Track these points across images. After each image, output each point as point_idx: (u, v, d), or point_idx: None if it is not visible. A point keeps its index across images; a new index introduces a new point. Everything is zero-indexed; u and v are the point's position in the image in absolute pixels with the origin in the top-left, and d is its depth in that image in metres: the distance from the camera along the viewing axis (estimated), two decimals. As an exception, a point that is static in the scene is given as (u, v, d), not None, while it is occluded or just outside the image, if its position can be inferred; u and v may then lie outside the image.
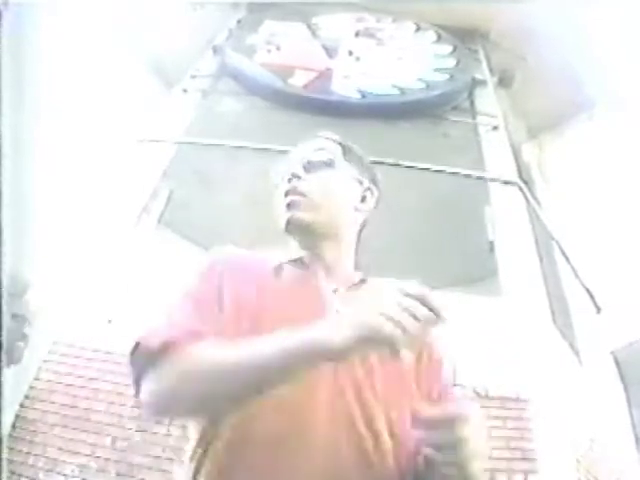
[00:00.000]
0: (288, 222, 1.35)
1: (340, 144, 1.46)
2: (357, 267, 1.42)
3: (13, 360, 2.89)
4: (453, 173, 5.99)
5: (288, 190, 1.37)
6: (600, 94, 7.08)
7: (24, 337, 2.91)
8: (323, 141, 1.46)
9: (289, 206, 1.35)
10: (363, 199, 1.44)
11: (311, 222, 1.34)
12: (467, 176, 6.07)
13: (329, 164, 1.41)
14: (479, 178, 6.13)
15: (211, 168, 6.09)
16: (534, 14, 7.20)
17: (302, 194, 1.35)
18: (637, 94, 6.41)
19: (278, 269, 1.33)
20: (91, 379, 4.35)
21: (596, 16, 6.77)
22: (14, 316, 2.91)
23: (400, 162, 5.66)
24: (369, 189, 1.45)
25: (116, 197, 5.50)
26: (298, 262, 1.34)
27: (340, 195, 1.40)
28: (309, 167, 1.39)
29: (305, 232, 1.36)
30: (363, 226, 1.45)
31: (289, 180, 1.38)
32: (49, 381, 4.34)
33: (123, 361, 4.37)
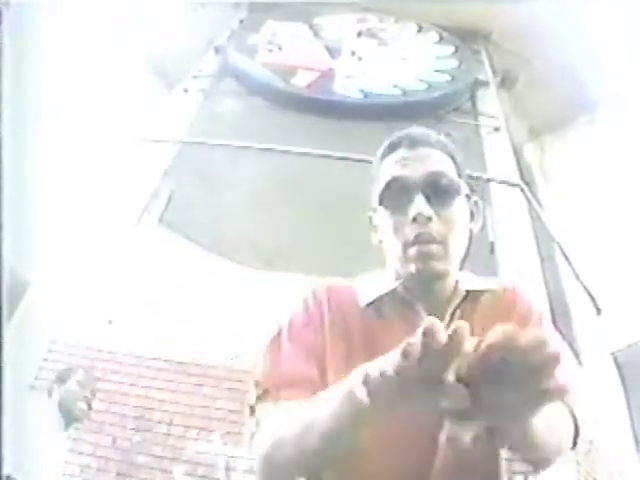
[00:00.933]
0: (418, 272, 1.12)
1: (447, 152, 1.25)
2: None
3: (73, 419, 2.93)
4: (454, 174, 5.98)
5: (418, 235, 1.12)
6: (603, 96, 7.07)
7: (86, 399, 2.93)
8: (431, 153, 1.22)
9: (422, 255, 1.12)
10: (472, 216, 1.24)
11: (444, 272, 1.15)
12: (468, 177, 6.06)
13: (456, 191, 1.19)
14: (480, 179, 6.12)
15: (212, 168, 6.09)
16: (537, 15, 7.18)
17: (436, 241, 1.13)
18: None
19: (376, 305, 1.17)
20: (93, 379, 4.35)
21: (599, 17, 6.76)
22: (79, 381, 2.99)
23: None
24: (476, 203, 1.26)
25: (117, 197, 5.50)
26: (395, 296, 1.18)
27: (464, 227, 1.21)
28: (436, 201, 1.15)
29: (432, 282, 1.16)
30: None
31: (414, 219, 1.12)
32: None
33: (125, 361, 4.33)
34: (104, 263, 4.84)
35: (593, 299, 5.47)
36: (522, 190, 6.04)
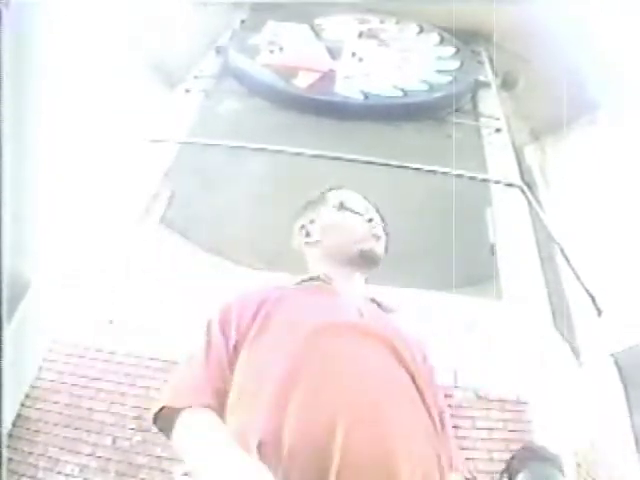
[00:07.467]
0: (371, 251, 1.50)
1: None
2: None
3: None
4: (455, 175, 5.98)
5: (374, 225, 1.53)
6: (603, 97, 7.07)
7: None
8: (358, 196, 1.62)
9: (376, 238, 1.52)
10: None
11: (381, 257, 1.53)
12: (469, 178, 6.06)
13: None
14: (481, 180, 6.13)
15: (213, 168, 6.09)
16: (538, 16, 7.19)
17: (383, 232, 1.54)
18: (640, 97, 6.40)
19: (297, 285, 1.47)
20: (93, 379, 4.35)
21: (600, 18, 6.77)
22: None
23: (402, 163, 5.66)
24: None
25: (118, 197, 5.50)
26: (316, 279, 1.47)
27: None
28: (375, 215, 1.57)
29: (371, 265, 1.52)
30: None
31: (369, 220, 1.54)
32: (50, 380, 4.34)
33: (125, 361, 4.33)
34: (105, 263, 4.84)
35: (594, 300, 5.47)
36: (523, 191, 6.04)
